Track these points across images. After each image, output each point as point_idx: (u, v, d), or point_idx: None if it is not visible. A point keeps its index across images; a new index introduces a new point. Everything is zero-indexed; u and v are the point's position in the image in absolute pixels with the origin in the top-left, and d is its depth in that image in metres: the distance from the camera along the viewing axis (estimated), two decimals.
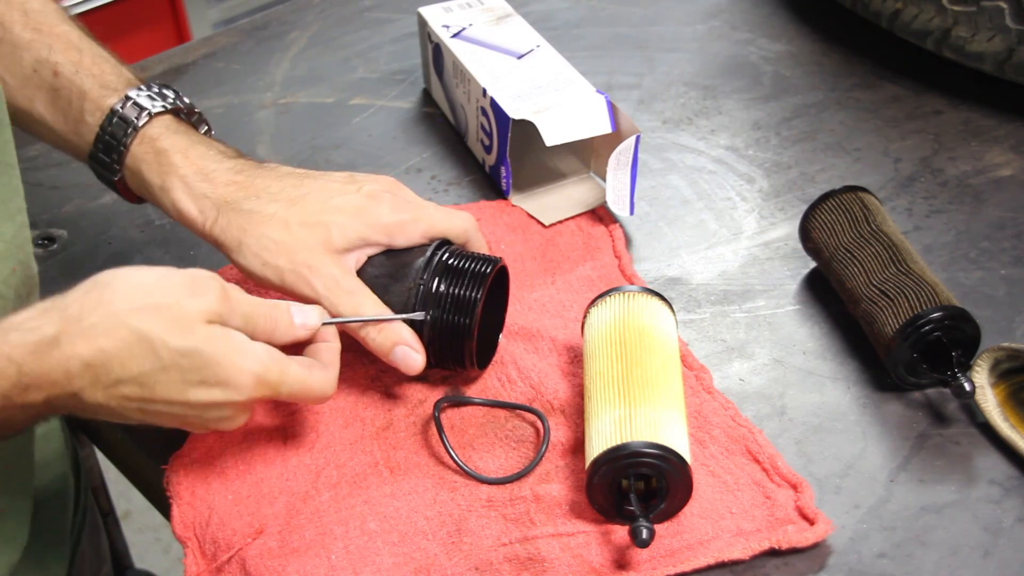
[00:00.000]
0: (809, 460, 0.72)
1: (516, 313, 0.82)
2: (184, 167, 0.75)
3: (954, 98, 1.04)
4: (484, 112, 0.94)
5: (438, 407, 0.74)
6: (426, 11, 1.05)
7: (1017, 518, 0.68)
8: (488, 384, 0.77)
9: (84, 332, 0.61)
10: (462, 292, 0.73)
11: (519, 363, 0.78)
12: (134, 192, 0.79)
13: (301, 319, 0.68)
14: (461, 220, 0.78)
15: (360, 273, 0.75)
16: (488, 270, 0.74)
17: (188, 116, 0.79)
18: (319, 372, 0.68)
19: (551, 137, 0.88)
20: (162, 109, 0.77)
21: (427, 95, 1.10)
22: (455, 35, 1.00)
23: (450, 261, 0.74)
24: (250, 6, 2.46)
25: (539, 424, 0.74)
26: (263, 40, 1.21)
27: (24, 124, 0.80)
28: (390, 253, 0.76)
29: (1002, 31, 0.97)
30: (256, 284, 0.75)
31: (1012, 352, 0.72)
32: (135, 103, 0.76)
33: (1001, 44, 0.97)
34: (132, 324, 0.61)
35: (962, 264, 0.86)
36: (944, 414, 0.74)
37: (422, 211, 0.76)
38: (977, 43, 0.98)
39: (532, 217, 0.93)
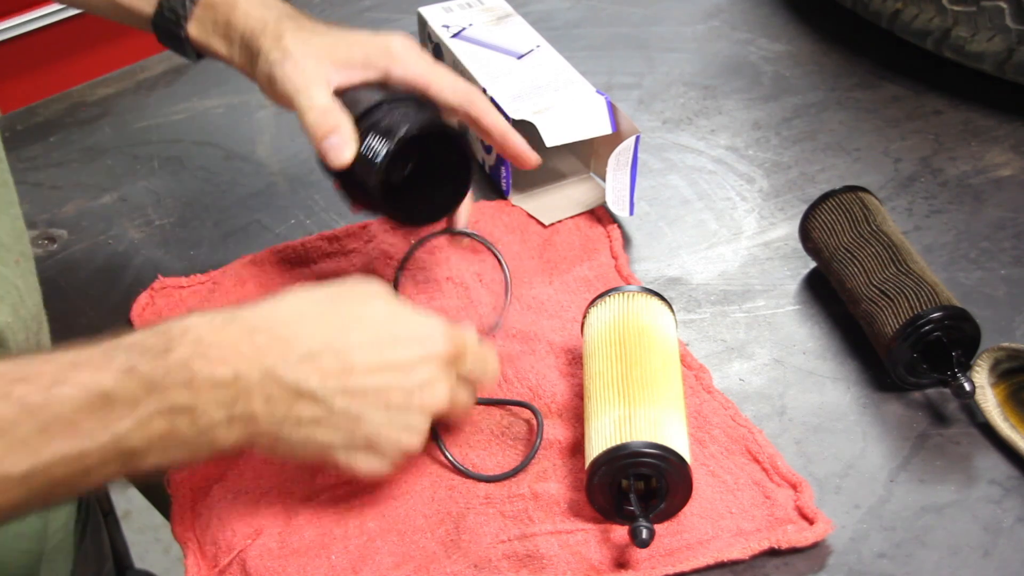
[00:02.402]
0: (809, 460, 0.72)
1: (513, 313, 0.82)
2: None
3: (954, 98, 1.04)
4: None
5: None
6: (426, 11, 1.05)
7: (1017, 518, 0.68)
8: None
9: (262, 312, 0.62)
10: (386, 131, 0.74)
11: (516, 364, 0.78)
12: (197, 40, 0.82)
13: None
14: (465, 85, 0.79)
15: (349, 87, 0.78)
16: (411, 125, 0.74)
17: None
18: (488, 347, 0.70)
19: (551, 138, 0.88)
20: None
21: None
22: (455, 35, 1.00)
23: (396, 105, 0.76)
24: None
25: (534, 421, 0.74)
26: None
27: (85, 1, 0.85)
28: (382, 84, 0.78)
29: (1002, 31, 0.97)
30: (265, 89, 0.79)
31: (1012, 352, 0.72)
32: None
33: (1001, 44, 0.97)
34: (313, 298, 0.64)
35: (962, 264, 0.86)
36: (944, 414, 0.74)
37: (430, 58, 0.79)
38: (977, 43, 0.98)
39: (532, 217, 0.93)
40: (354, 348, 0.62)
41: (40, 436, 0.55)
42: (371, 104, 0.76)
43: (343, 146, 0.74)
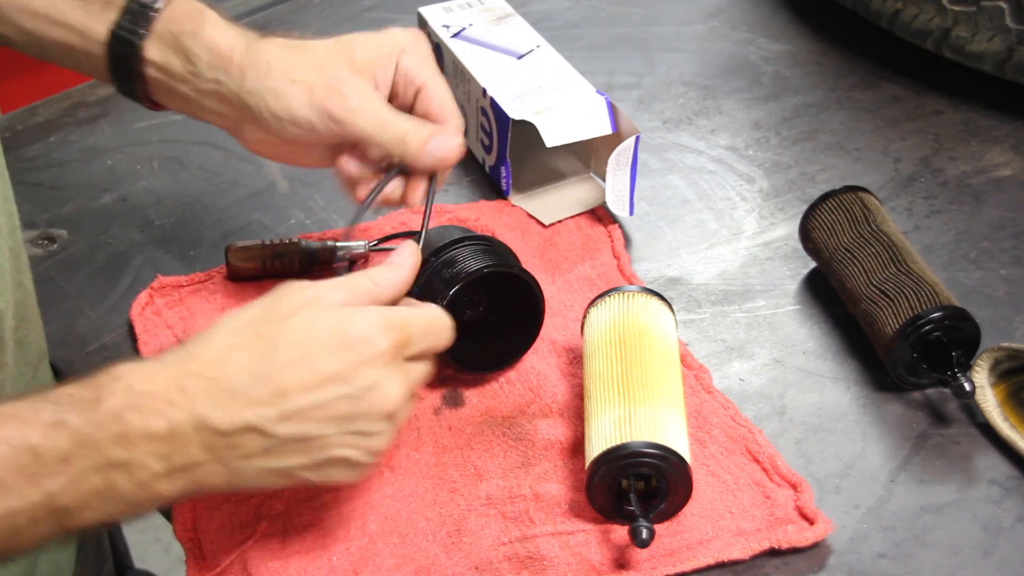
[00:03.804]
0: (809, 460, 0.72)
1: None
2: (215, 17, 0.75)
3: (954, 98, 1.04)
4: (484, 112, 0.94)
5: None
6: (426, 11, 1.05)
7: (1017, 518, 0.68)
8: (487, 384, 0.77)
9: (192, 352, 0.59)
10: (438, 287, 0.73)
11: (518, 363, 0.78)
12: (154, 61, 0.75)
13: (398, 259, 0.67)
14: (453, 106, 0.76)
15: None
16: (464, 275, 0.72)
17: None
18: (429, 309, 0.66)
19: (551, 138, 0.88)
20: None
21: None
22: (455, 35, 1.00)
23: (441, 265, 0.74)
24: (250, 6, 2.46)
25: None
26: None
27: (41, 32, 0.76)
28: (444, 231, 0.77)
29: (1002, 31, 0.97)
30: (275, 119, 0.73)
31: (1012, 352, 0.72)
32: None
33: (1001, 44, 0.97)
34: (239, 323, 0.60)
35: (962, 264, 0.86)
36: (944, 414, 0.75)
37: (434, 64, 0.77)
38: (977, 43, 0.98)
39: (532, 217, 0.93)
40: (282, 369, 0.58)
41: None
42: (441, 245, 0.74)
43: (445, 140, 0.73)
